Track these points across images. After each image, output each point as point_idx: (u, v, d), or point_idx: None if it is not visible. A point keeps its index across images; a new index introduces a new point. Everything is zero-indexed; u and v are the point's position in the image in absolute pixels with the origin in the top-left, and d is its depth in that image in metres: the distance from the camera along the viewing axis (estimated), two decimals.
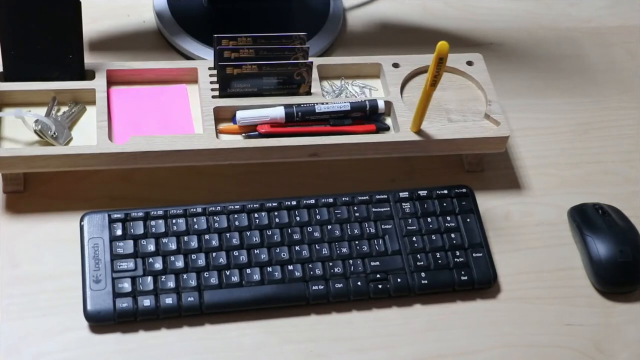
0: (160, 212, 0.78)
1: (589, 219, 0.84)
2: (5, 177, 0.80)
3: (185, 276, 0.75)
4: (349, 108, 0.84)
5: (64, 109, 0.83)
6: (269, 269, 0.77)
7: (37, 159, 0.78)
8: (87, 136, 0.81)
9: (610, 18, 1.08)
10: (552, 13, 1.08)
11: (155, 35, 0.97)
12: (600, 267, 0.81)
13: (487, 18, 0.95)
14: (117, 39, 0.96)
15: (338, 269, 0.78)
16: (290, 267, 0.77)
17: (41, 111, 0.81)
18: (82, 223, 0.77)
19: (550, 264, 0.83)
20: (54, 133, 0.80)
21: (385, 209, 0.82)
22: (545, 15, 1.07)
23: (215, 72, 0.85)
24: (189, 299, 0.74)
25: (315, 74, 0.87)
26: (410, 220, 0.81)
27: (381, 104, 0.85)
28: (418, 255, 0.79)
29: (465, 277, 0.79)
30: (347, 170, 0.87)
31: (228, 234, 0.78)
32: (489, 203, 0.87)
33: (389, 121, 0.86)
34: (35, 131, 0.79)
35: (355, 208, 0.81)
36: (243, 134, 0.83)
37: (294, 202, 0.81)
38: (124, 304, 0.73)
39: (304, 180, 0.86)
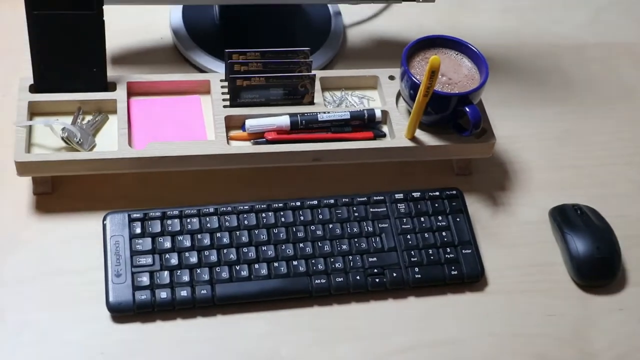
0: (176, 212, 0.79)
1: (568, 218, 0.84)
2: (36, 180, 0.81)
3: (198, 271, 0.76)
4: (348, 117, 0.85)
5: (89, 117, 0.84)
6: (275, 264, 0.77)
7: (64, 164, 0.79)
8: (109, 142, 0.82)
9: (589, 35, 1.09)
10: (536, 30, 1.08)
11: (171, 50, 0.98)
12: (579, 262, 0.81)
13: (476, 34, 0.96)
14: (136, 54, 0.97)
15: (339, 264, 0.78)
16: (295, 263, 0.78)
17: (68, 120, 0.82)
18: (104, 222, 0.78)
19: (533, 259, 0.84)
20: (80, 140, 0.80)
21: (381, 209, 0.82)
22: (529, 32, 1.08)
23: (226, 83, 0.86)
24: (202, 291, 0.75)
25: (317, 85, 0.88)
26: (404, 219, 0.82)
27: (378, 113, 0.86)
28: (412, 252, 0.80)
29: (455, 272, 0.80)
30: (347, 174, 0.87)
31: (238, 232, 0.79)
32: (477, 204, 0.87)
33: (385, 129, 0.87)
34: (62, 138, 0.80)
35: (355, 208, 0.82)
36: (252, 141, 0.84)
37: (298, 203, 0.81)
38: (143, 296, 0.74)
39: (308, 183, 0.86)
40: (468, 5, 1.09)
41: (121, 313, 0.74)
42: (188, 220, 0.79)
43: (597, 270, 0.82)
